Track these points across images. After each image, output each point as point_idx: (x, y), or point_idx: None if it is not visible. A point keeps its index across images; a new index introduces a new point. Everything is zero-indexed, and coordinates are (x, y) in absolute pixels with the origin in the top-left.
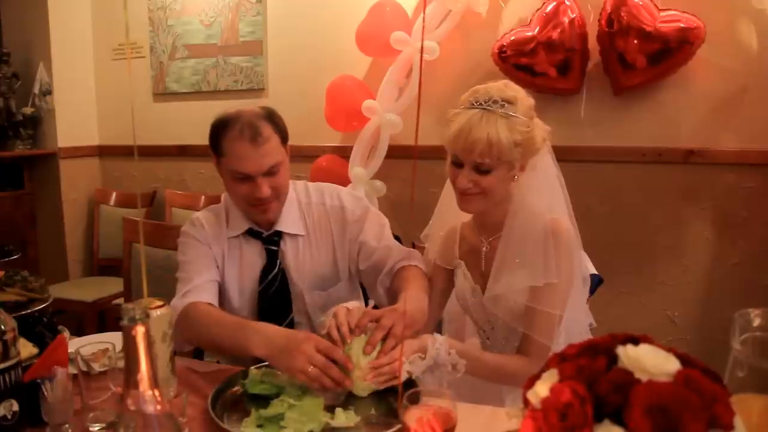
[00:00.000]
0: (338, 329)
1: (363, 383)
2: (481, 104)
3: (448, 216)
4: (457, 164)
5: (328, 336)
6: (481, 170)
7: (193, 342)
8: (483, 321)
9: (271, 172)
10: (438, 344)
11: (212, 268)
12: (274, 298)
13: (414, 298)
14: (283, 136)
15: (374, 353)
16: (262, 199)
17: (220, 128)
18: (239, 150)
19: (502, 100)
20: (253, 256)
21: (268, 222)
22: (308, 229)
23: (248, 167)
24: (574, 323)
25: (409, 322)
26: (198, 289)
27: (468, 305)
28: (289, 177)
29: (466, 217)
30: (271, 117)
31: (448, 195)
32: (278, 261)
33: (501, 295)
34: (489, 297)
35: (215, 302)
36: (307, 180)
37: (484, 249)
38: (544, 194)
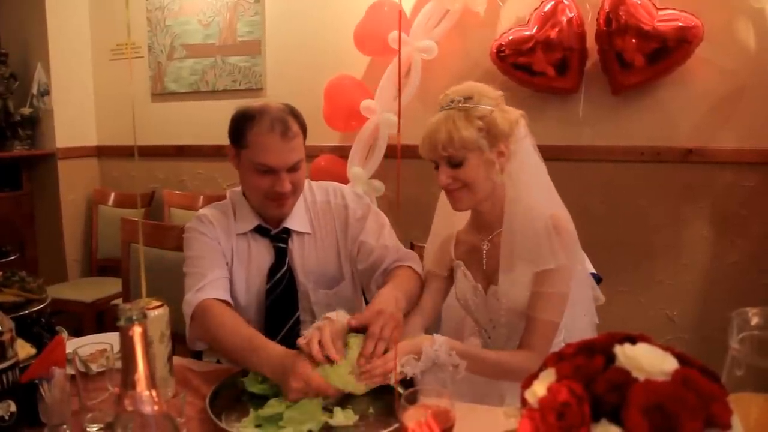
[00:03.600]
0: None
1: (357, 382)
2: (443, 108)
3: (444, 227)
4: (435, 167)
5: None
6: (454, 163)
7: (205, 341)
8: (485, 320)
9: (294, 168)
10: (437, 345)
11: (223, 265)
12: (281, 296)
13: (386, 296)
14: (305, 135)
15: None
16: (282, 193)
17: (244, 120)
18: (269, 143)
19: (460, 97)
20: (262, 253)
21: (280, 217)
22: (314, 227)
23: (275, 161)
24: (577, 322)
25: (389, 317)
26: (212, 285)
27: (469, 305)
28: (305, 175)
29: (462, 225)
30: (295, 114)
31: (442, 208)
32: (286, 259)
33: (504, 291)
34: (492, 292)
35: (230, 299)
36: (308, 180)
37: (484, 247)
38: (538, 187)
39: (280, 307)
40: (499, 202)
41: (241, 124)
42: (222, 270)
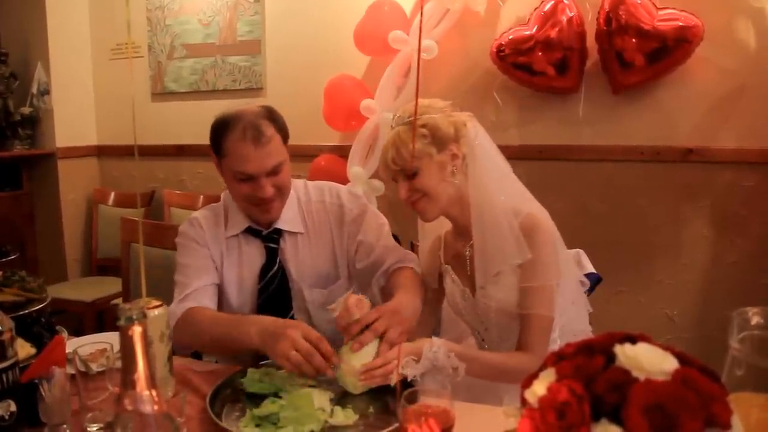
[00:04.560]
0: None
1: (357, 382)
2: (392, 127)
3: (433, 227)
4: (396, 183)
5: (337, 323)
6: (409, 175)
7: (193, 346)
8: (476, 323)
9: (274, 172)
10: (435, 347)
11: (211, 271)
12: (274, 296)
13: (408, 301)
14: (284, 135)
15: (363, 352)
16: (265, 198)
17: (220, 129)
18: (242, 151)
19: (405, 114)
20: (253, 254)
21: (269, 221)
22: (308, 227)
23: (251, 168)
24: (573, 321)
25: (401, 320)
26: (196, 293)
27: (459, 309)
28: (290, 175)
29: (449, 225)
30: (272, 116)
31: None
32: (278, 259)
33: (491, 294)
34: (480, 296)
35: (214, 307)
36: (306, 179)
37: (467, 253)
38: (501, 189)
39: (273, 307)
40: (468, 208)
41: (218, 133)
42: (208, 277)
